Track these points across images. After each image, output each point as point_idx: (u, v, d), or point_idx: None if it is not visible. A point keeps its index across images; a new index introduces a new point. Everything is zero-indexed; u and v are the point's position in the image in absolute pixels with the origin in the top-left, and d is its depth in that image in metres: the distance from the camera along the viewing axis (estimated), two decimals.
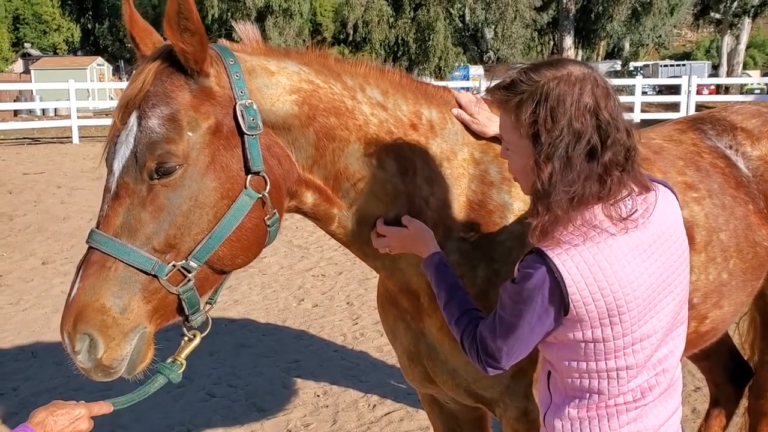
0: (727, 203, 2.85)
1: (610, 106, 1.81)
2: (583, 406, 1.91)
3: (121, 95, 2.02)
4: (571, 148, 1.76)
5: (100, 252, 1.91)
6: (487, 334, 1.92)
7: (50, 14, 66.83)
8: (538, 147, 1.79)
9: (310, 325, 6.68)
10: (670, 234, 1.92)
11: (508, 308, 1.86)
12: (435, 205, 2.30)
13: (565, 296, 1.77)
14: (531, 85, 1.81)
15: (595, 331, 1.81)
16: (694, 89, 24.58)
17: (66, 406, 1.85)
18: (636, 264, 1.81)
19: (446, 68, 45.37)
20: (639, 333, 1.84)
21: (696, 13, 45.77)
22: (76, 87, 23.74)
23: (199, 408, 5.04)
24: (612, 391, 1.88)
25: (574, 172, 1.77)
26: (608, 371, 1.86)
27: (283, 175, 2.10)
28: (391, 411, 4.93)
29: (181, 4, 1.86)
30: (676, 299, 1.93)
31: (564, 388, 1.95)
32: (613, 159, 1.79)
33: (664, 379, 1.94)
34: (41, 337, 6.40)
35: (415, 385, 2.74)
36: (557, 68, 1.83)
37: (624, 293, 1.78)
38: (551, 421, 1.98)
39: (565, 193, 1.76)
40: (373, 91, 2.28)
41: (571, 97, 1.77)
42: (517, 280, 1.84)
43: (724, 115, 3.24)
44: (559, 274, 1.77)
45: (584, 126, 1.77)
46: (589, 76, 1.82)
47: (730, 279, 2.80)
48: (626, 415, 1.90)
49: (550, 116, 1.77)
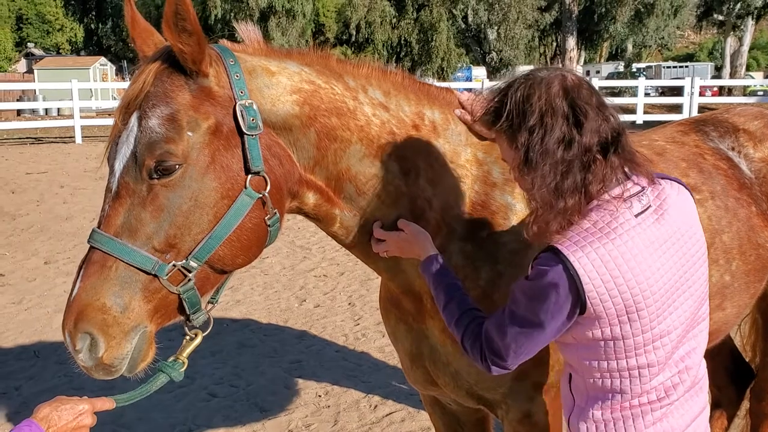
0: (730, 205, 2.85)
1: (583, 94, 1.85)
2: (607, 407, 1.92)
3: (122, 96, 2.03)
4: (546, 141, 1.81)
5: (101, 251, 1.92)
6: (494, 332, 1.91)
7: (53, 14, 66.95)
8: (516, 149, 1.86)
9: (311, 325, 6.68)
10: (686, 230, 1.93)
11: (521, 305, 1.86)
12: (438, 206, 2.30)
13: (581, 294, 1.78)
14: (502, 99, 1.90)
15: (614, 328, 1.82)
16: (696, 91, 24.55)
17: (70, 402, 1.85)
18: (653, 259, 1.81)
19: (449, 69, 45.37)
20: (658, 330, 1.84)
21: (699, 15, 45.72)
22: (79, 87, 23.78)
23: (201, 408, 5.04)
24: (635, 390, 1.88)
25: (554, 162, 1.81)
26: (629, 369, 1.87)
27: (284, 176, 2.10)
28: (392, 411, 4.93)
29: (178, 5, 1.87)
30: (695, 295, 1.94)
31: (586, 389, 1.95)
32: (594, 142, 1.82)
33: (687, 377, 1.94)
34: (44, 337, 6.41)
35: (418, 387, 2.74)
36: (525, 76, 1.91)
37: (641, 289, 1.79)
38: (576, 424, 1.99)
39: (548, 184, 1.80)
40: (375, 92, 2.28)
41: (537, 94, 1.84)
42: (532, 277, 1.84)
43: (726, 116, 3.24)
44: (575, 271, 1.77)
45: (554, 117, 1.81)
46: (558, 74, 1.88)
47: (732, 281, 2.80)
48: (651, 416, 1.90)
49: (521, 117, 1.84)
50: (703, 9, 44.59)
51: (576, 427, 1.98)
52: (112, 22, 63.54)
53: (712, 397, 4.12)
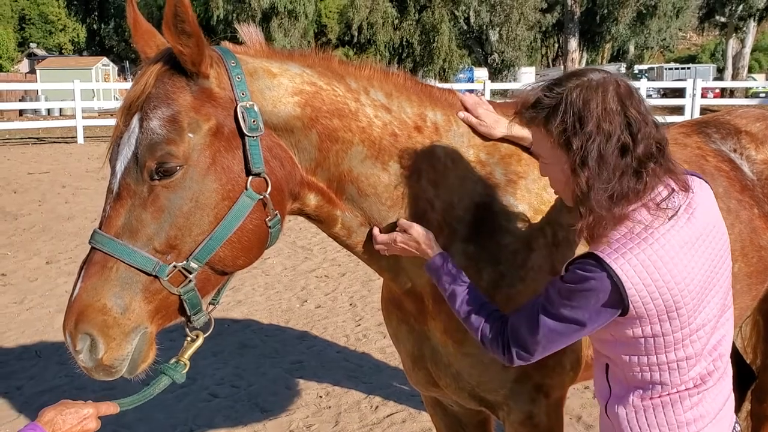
0: (732, 207, 2.85)
1: (635, 103, 1.88)
2: (647, 396, 1.97)
3: (124, 97, 2.03)
4: (603, 148, 1.83)
5: (102, 252, 1.92)
6: (523, 327, 1.95)
7: (56, 14, 67.03)
8: (571, 153, 1.86)
9: (313, 326, 6.68)
10: (713, 225, 1.98)
11: (557, 305, 1.90)
12: (440, 207, 2.30)
13: (624, 299, 1.83)
14: (554, 97, 1.89)
15: (654, 327, 1.87)
16: (698, 92, 24.54)
17: (74, 406, 1.86)
18: (687, 259, 1.86)
19: (450, 70, 45.35)
20: (695, 324, 1.90)
21: (701, 17, 45.68)
22: (82, 87, 23.79)
23: (202, 408, 5.04)
24: (674, 381, 1.94)
25: (609, 170, 1.83)
26: (669, 363, 1.92)
27: (285, 177, 2.10)
28: (393, 412, 4.93)
29: (177, 6, 1.87)
30: (723, 287, 1.99)
31: (626, 380, 2.00)
32: (645, 152, 1.85)
33: (721, 364, 2.01)
34: (45, 337, 6.41)
35: (419, 389, 2.74)
36: (578, 77, 1.91)
37: (679, 289, 1.84)
38: (614, 410, 2.03)
39: (604, 191, 1.83)
40: (377, 94, 2.28)
41: (595, 101, 1.85)
42: (571, 281, 1.88)
43: (728, 118, 3.24)
44: (618, 279, 1.82)
45: (612, 125, 1.84)
46: (610, 79, 1.89)
47: (734, 283, 2.79)
48: (689, 401, 1.96)
49: (578, 121, 1.85)
50: (706, 11, 44.56)
51: (614, 412, 2.03)
52: (115, 23, 63.57)
53: None
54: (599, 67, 1.99)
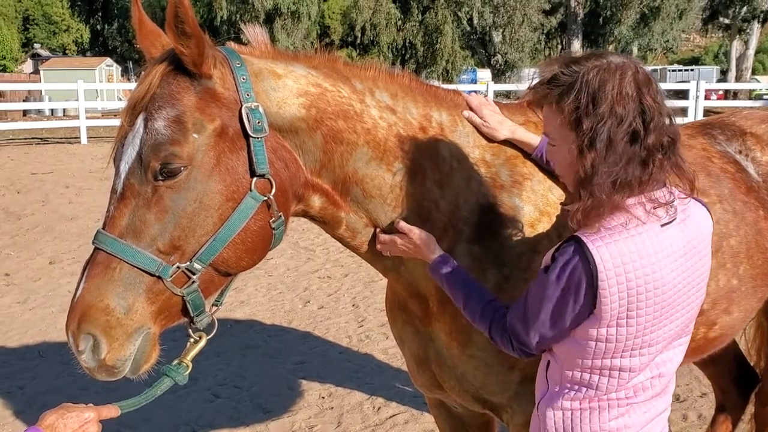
0: (738, 209, 2.84)
1: (652, 91, 1.84)
2: (577, 399, 1.94)
3: (129, 97, 2.02)
4: (613, 132, 1.79)
5: (106, 253, 1.92)
6: (518, 325, 1.94)
7: (60, 15, 67.13)
8: (580, 133, 1.82)
9: (315, 326, 6.68)
10: (701, 247, 1.95)
11: (539, 297, 1.88)
12: (445, 208, 2.29)
13: (594, 289, 1.79)
14: (571, 75, 1.85)
15: (610, 329, 1.83)
16: (702, 94, 24.46)
17: (75, 409, 1.84)
18: (668, 265, 1.83)
19: (454, 71, 45.35)
20: (647, 338, 1.86)
21: (705, 18, 45.62)
22: (85, 87, 23.80)
23: (205, 408, 5.04)
24: (609, 389, 1.91)
25: (617, 155, 1.79)
26: (610, 369, 1.89)
27: (289, 179, 2.10)
28: (396, 413, 4.92)
29: (178, 8, 1.87)
30: (689, 310, 1.95)
31: (561, 378, 1.97)
32: (655, 142, 1.82)
33: (658, 383, 1.96)
34: (48, 337, 6.42)
35: (423, 390, 2.73)
36: (597, 59, 1.86)
37: (647, 288, 1.80)
38: (543, 410, 2.01)
39: (608, 176, 1.79)
40: (382, 95, 2.28)
41: (611, 83, 1.80)
42: (553, 268, 1.86)
43: (733, 120, 3.23)
44: (594, 265, 1.78)
45: (626, 110, 1.79)
46: (629, 64, 1.85)
47: (740, 285, 2.79)
48: (616, 410, 1.93)
49: (591, 102, 1.80)
50: (709, 12, 44.50)
51: (543, 413, 2.01)
52: (118, 23, 63.74)
53: (717, 400, 4.11)
54: (626, 55, 1.95)
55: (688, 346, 2.75)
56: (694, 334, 2.72)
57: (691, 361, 3.20)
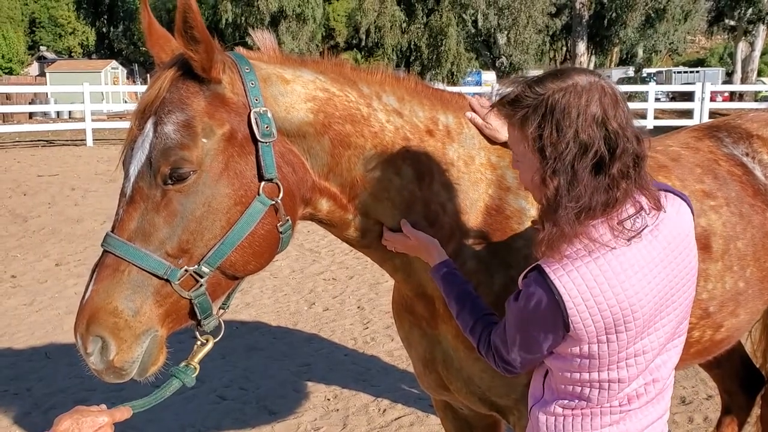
0: (745, 211, 2.83)
1: (619, 115, 1.77)
2: (569, 407, 1.93)
3: (139, 101, 2.04)
4: (578, 162, 1.73)
5: (114, 255, 1.93)
6: (500, 345, 1.94)
7: (66, 18, 67.39)
8: (544, 162, 1.76)
9: (320, 328, 6.69)
10: (680, 250, 1.89)
11: (514, 324, 1.88)
12: (452, 210, 2.30)
13: (564, 317, 1.77)
14: (535, 98, 1.78)
15: (592, 347, 1.81)
16: (707, 96, 24.44)
17: (89, 413, 1.83)
18: (641, 280, 1.78)
19: (458, 74, 45.33)
20: (633, 349, 1.83)
21: (710, 20, 45.50)
22: (91, 90, 23.91)
23: (211, 410, 5.06)
24: (601, 400, 1.89)
25: (581, 186, 1.73)
26: (600, 382, 1.87)
27: (297, 183, 2.11)
28: (401, 416, 4.93)
29: (186, 13, 1.88)
30: (679, 313, 1.92)
31: (557, 389, 1.97)
32: (621, 170, 1.76)
33: (653, 389, 1.93)
34: (55, 338, 6.44)
35: (430, 392, 2.74)
36: (562, 79, 1.79)
37: (624, 313, 1.76)
38: (536, 414, 2.01)
39: (572, 209, 1.73)
40: (389, 98, 2.29)
41: (577, 109, 1.73)
42: (521, 298, 1.84)
43: (739, 122, 3.23)
44: (559, 295, 1.75)
45: (591, 138, 1.73)
46: (596, 84, 1.78)
47: (746, 288, 2.79)
48: (609, 417, 1.91)
49: (555, 129, 1.74)
50: (714, 14, 44.39)
51: (536, 417, 2.00)
52: (124, 26, 63.95)
53: (723, 402, 4.11)
54: (589, 69, 1.88)
55: (695, 348, 2.76)
56: (700, 337, 2.73)
57: (697, 363, 3.20)
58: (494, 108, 1.91)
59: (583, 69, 1.87)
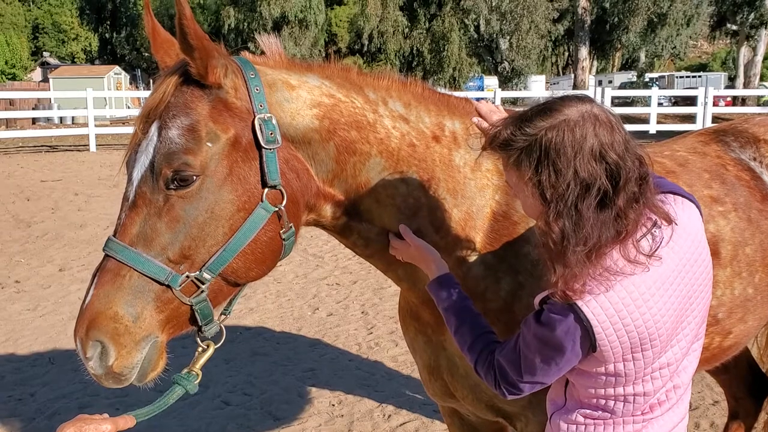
0: (753, 217, 2.81)
1: (617, 143, 1.71)
2: (592, 416, 1.92)
3: (143, 105, 2.03)
4: (581, 202, 1.67)
5: (116, 260, 1.92)
6: (508, 366, 1.89)
7: (69, 23, 67.63)
8: (545, 205, 1.72)
9: (324, 334, 6.67)
10: (695, 257, 1.87)
11: (533, 349, 1.81)
12: (459, 216, 2.28)
13: (593, 341, 1.75)
14: (526, 139, 1.72)
15: (617, 365, 1.80)
16: (710, 101, 24.45)
17: (93, 421, 1.83)
18: (662, 296, 1.77)
19: (461, 79, 45.43)
20: (659, 363, 1.83)
21: (712, 25, 45.54)
22: (94, 95, 23.96)
23: (215, 416, 5.04)
24: (626, 413, 1.88)
25: (588, 226, 1.68)
26: (626, 396, 1.86)
27: (301, 189, 2.10)
28: (406, 421, 4.91)
29: (182, 20, 1.88)
30: (697, 319, 1.91)
31: (579, 399, 1.95)
32: (627, 199, 1.70)
33: (674, 396, 1.92)
34: (58, 344, 6.43)
35: (436, 399, 2.72)
36: (551, 115, 1.72)
37: (648, 327, 1.75)
38: (557, 421, 1.99)
39: (581, 251, 1.68)
40: (395, 104, 2.27)
41: (572, 146, 1.67)
42: (545, 323, 1.78)
43: (745, 127, 3.21)
44: (588, 323, 1.72)
45: (592, 174, 1.67)
46: (588, 114, 1.71)
47: (755, 294, 2.76)
48: (632, 426, 1.90)
49: (553, 171, 1.68)
50: (717, 19, 44.41)
51: (557, 424, 1.98)
52: (127, 32, 64.16)
53: (730, 408, 4.09)
54: (577, 96, 1.80)
55: (703, 355, 2.74)
56: (708, 343, 2.71)
57: (705, 369, 3.18)
58: (489, 150, 1.86)
59: (570, 97, 1.78)
